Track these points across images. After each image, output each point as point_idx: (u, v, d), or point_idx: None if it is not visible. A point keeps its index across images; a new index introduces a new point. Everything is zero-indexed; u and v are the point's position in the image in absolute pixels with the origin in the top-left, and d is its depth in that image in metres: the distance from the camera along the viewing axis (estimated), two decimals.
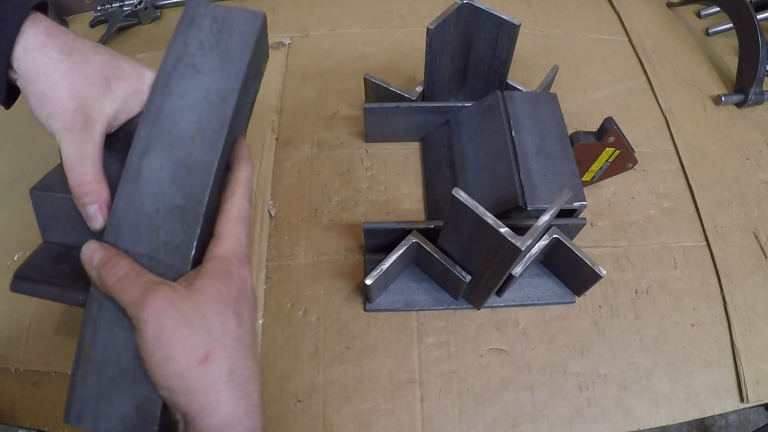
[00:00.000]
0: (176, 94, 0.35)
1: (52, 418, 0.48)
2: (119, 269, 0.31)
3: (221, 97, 0.35)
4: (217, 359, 0.29)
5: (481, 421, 0.48)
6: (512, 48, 0.54)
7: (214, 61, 0.36)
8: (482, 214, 0.38)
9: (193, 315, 0.30)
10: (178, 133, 0.34)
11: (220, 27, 0.37)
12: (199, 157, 0.34)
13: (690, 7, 0.82)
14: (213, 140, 0.34)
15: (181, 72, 0.36)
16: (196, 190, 0.33)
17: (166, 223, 0.33)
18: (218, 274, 0.32)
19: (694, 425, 1.18)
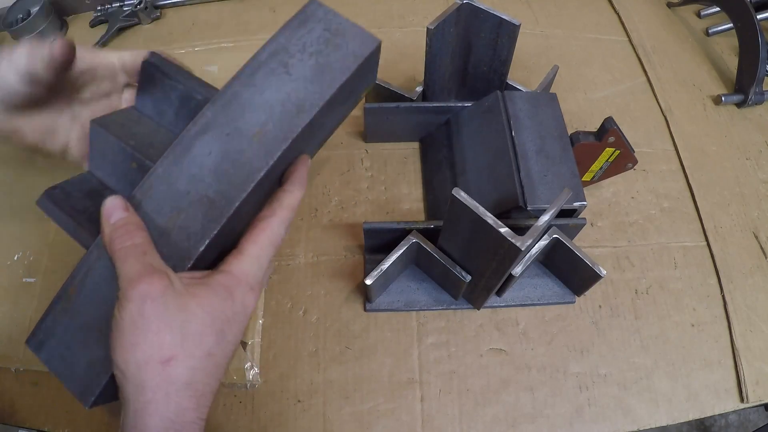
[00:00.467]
0: (256, 87, 0.33)
1: (52, 418, 0.48)
2: (130, 238, 0.30)
3: (299, 108, 0.33)
4: (179, 366, 0.29)
5: (481, 421, 0.48)
6: (512, 48, 0.54)
7: (308, 69, 0.34)
8: (482, 214, 0.38)
9: (177, 316, 0.29)
10: (240, 126, 0.33)
11: (329, 37, 0.35)
12: (250, 159, 0.32)
13: (690, 7, 0.82)
14: (271, 147, 0.32)
15: (272, 67, 0.34)
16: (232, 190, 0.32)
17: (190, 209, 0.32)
18: (221, 289, 0.31)
19: (694, 425, 1.18)
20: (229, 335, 0.31)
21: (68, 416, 0.48)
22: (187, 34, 0.74)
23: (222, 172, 0.32)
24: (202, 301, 0.30)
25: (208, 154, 0.32)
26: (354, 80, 0.35)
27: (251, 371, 0.49)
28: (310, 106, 0.33)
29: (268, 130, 0.33)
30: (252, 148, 0.32)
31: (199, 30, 0.75)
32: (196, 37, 0.73)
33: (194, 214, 0.31)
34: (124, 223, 0.31)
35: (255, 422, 0.48)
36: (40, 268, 0.54)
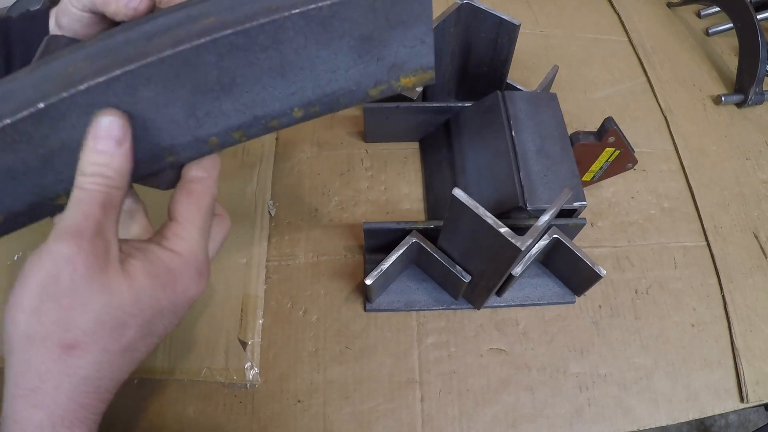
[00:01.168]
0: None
1: None
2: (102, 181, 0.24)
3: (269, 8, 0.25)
4: (83, 357, 0.23)
5: (481, 421, 0.48)
6: (512, 48, 0.54)
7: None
8: (482, 214, 0.38)
9: (98, 296, 0.23)
10: None
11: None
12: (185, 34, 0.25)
13: (690, 7, 0.82)
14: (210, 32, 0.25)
15: None
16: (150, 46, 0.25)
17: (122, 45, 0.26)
18: (163, 272, 0.25)
19: (694, 425, 1.18)
20: (158, 328, 0.26)
21: None
22: None
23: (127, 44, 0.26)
24: (135, 283, 0.24)
25: (154, 19, 0.27)
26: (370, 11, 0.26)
27: (251, 371, 0.49)
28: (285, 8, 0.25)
29: (223, 20, 0.25)
30: (185, 31, 0.25)
31: None
32: None
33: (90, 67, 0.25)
34: (105, 158, 0.24)
35: (255, 422, 0.48)
36: None
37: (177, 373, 0.49)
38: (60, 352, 0.23)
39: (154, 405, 0.47)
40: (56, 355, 0.23)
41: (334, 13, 0.25)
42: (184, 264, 0.26)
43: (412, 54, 0.28)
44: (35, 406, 0.23)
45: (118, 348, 0.24)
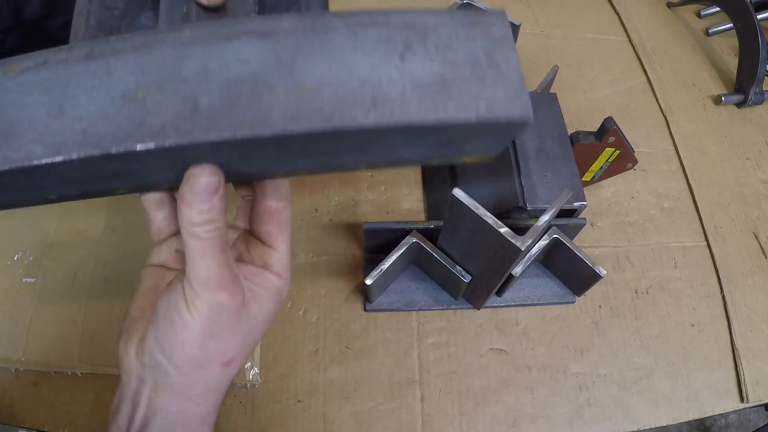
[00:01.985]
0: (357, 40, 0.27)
1: (52, 418, 0.48)
2: (215, 231, 0.27)
3: (374, 101, 0.26)
4: (234, 366, 0.31)
5: (481, 421, 0.48)
6: None
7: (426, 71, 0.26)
8: (482, 214, 0.38)
9: (244, 324, 0.30)
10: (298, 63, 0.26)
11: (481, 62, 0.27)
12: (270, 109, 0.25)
13: (690, 7, 0.82)
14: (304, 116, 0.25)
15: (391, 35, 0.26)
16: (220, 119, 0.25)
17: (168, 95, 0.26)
18: (276, 293, 0.32)
19: (694, 425, 1.18)
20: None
21: (68, 416, 0.48)
22: None
23: (231, 92, 0.25)
24: (263, 307, 0.31)
25: (241, 60, 0.25)
26: (462, 132, 0.28)
27: (251, 371, 0.49)
28: (387, 114, 0.25)
29: (319, 96, 0.25)
30: (283, 99, 0.25)
31: None
32: None
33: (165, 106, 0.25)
34: (211, 211, 0.27)
35: (255, 422, 0.48)
36: (40, 268, 0.54)
37: None
38: (221, 368, 0.30)
39: None
40: (219, 371, 0.30)
41: (427, 132, 0.27)
42: (285, 282, 0.33)
43: (484, 148, 0.32)
44: (199, 404, 0.30)
45: (251, 349, 0.32)
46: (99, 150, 0.24)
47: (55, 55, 0.25)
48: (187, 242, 0.27)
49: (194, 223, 0.27)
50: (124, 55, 0.25)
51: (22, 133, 0.25)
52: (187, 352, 0.28)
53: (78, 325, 0.51)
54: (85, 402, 0.48)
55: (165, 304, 0.29)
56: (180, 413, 0.29)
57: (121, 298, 0.51)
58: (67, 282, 0.53)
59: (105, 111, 0.24)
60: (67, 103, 0.25)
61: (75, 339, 0.50)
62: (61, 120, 0.24)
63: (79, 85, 0.25)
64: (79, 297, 0.52)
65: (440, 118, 0.26)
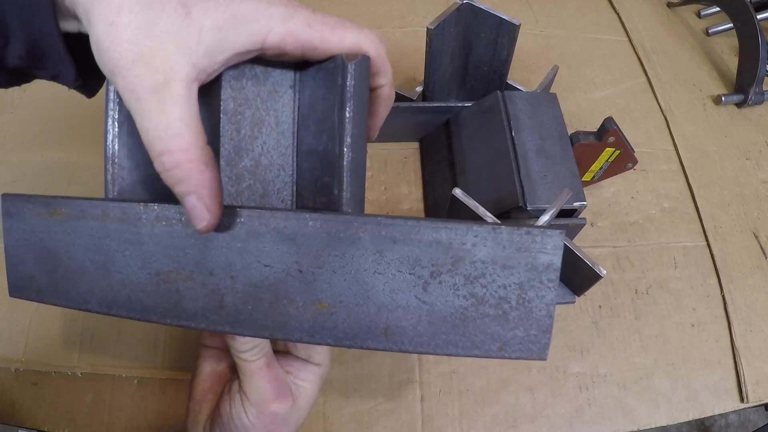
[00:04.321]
0: (381, 273, 0.26)
1: (52, 418, 0.48)
2: (261, 355, 0.32)
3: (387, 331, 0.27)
4: None
5: (481, 421, 0.48)
6: (512, 48, 0.54)
7: (447, 310, 0.26)
8: (482, 214, 0.38)
9: (293, 416, 0.35)
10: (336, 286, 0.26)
11: (517, 300, 0.26)
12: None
13: (690, 7, 0.82)
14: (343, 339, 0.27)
15: (409, 271, 0.25)
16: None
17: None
18: (319, 382, 0.37)
19: (694, 425, 1.18)
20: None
21: (68, 416, 0.48)
22: None
23: (254, 297, 0.27)
24: (308, 397, 0.36)
25: (264, 264, 0.26)
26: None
27: None
28: (396, 343, 0.26)
29: (335, 315, 0.26)
30: (301, 312, 0.26)
31: None
32: None
33: (195, 295, 0.27)
34: (252, 342, 0.32)
35: None
36: None
37: (177, 374, 0.49)
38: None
39: (154, 405, 0.48)
40: None
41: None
42: (326, 369, 0.37)
43: None
44: None
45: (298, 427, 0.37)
46: (142, 316, 0.28)
47: (90, 208, 0.28)
48: (239, 364, 0.32)
49: (241, 351, 0.32)
50: (154, 229, 0.27)
51: (77, 282, 0.29)
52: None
53: (78, 325, 0.51)
54: (85, 402, 0.48)
55: (227, 411, 0.34)
56: None
57: None
58: None
59: (144, 284, 0.27)
60: (111, 266, 0.28)
61: (75, 339, 0.50)
62: (108, 280, 0.28)
63: (118, 251, 0.28)
64: None
65: (447, 353, 0.26)
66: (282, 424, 0.34)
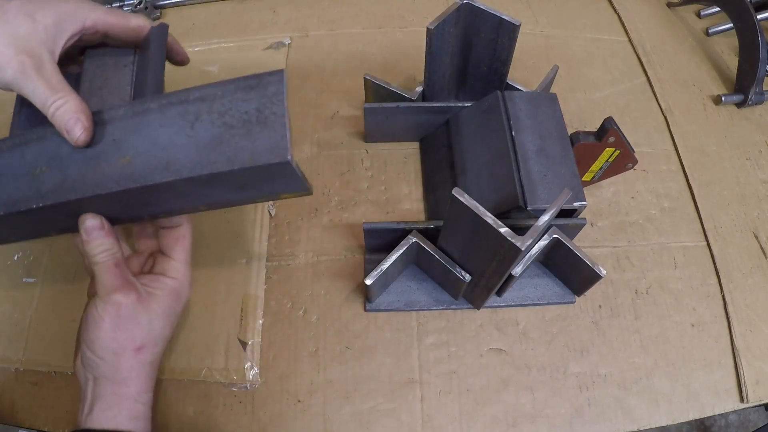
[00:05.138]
0: (163, 117, 0.36)
1: (52, 418, 0.48)
2: (109, 256, 0.39)
3: (167, 165, 0.35)
4: (147, 351, 0.40)
5: (481, 421, 0.48)
6: (512, 48, 0.54)
7: (208, 134, 0.35)
8: (482, 214, 0.38)
9: (143, 317, 0.39)
10: (120, 142, 0.36)
11: (252, 119, 0.35)
12: (101, 175, 0.36)
13: (690, 7, 0.82)
14: (124, 180, 0.35)
15: (186, 110, 0.36)
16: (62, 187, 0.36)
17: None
18: (173, 293, 0.42)
19: (694, 425, 1.18)
20: (176, 322, 0.43)
21: (68, 416, 0.48)
22: (187, 35, 0.74)
23: (86, 166, 0.36)
24: (161, 303, 0.41)
25: (93, 145, 0.36)
26: (242, 177, 0.35)
27: (251, 371, 0.49)
28: (175, 172, 0.34)
29: (134, 164, 0.35)
30: (113, 168, 0.35)
31: (198, 30, 0.75)
32: (195, 37, 0.73)
33: (49, 178, 0.36)
34: (102, 243, 0.38)
35: (255, 422, 0.48)
36: (40, 268, 0.54)
37: (177, 373, 0.49)
38: (134, 354, 0.39)
39: (155, 405, 0.47)
40: (133, 355, 0.39)
41: (211, 180, 0.35)
42: (182, 285, 0.43)
43: (285, 187, 0.38)
44: (128, 386, 0.39)
45: (161, 338, 0.41)
46: (14, 209, 0.36)
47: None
48: (93, 269, 0.39)
49: (92, 254, 0.38)
50: (32, 147, 0.37)
51: None
52: (104, 344, 0.38)
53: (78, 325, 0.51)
54: None
55: (86, 315, 0.39)
56: (114, 394, 0.38)
57: None
58: (67, 282, 0.53)
59: (18, 183, 0.36)
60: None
61: (75, 339, 0.50)
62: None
63: (5, 172, 0.37)
64: (79, 297, 0.52)
65: (213, 170, 0.33)
66: (130, 320, 0.38)
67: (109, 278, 0.38)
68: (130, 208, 0.39)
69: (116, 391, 0.38)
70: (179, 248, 0.43)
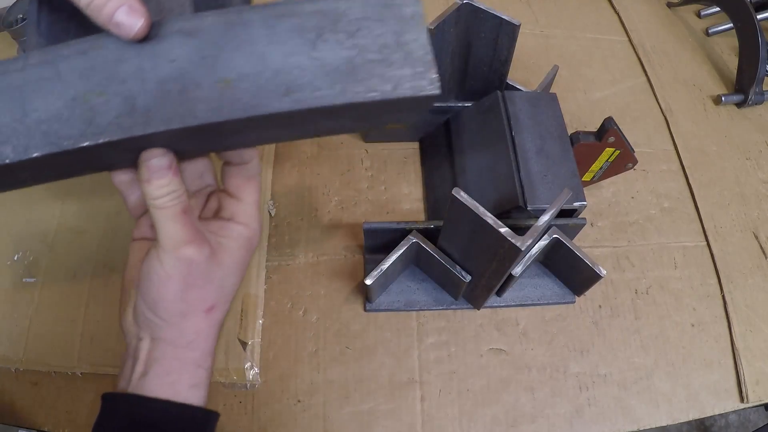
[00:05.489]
0: (272, 32, 0.29)
1: (52, 418, 0.48)
2: (178, 201, 0.31)
3: (287, 90, 0.29)
4: (218, 310, 0.35)
5: (481, 421, 0.48)
6: (512, 48, 0.54)
7: (337, 57, 0.29)
8: (482, 214, 0.38)
9: (216, 273, 0.34)
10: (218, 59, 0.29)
11: (391, 46, 0.29)
12: (195, 102, 0.29)
13: (690, 7, 0.82)
14: (226, 108, 0.29)
15: (303, 24, 0.29)
16: (154, 116, 0.28)
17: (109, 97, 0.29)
18: (245, 241, 0.36)
19: (694, 425, 1.18)
20: (245, 270, 0.37)
21: (68, 416, 0.48)
22: None
23: (163, 90, 0.28)
24: (233, 256, 0.35)
25: (170, 60, 0.28)
26: (376, 108, 0.30)
27: (251, 371, 0.49)
28: (299, 100, 0.28)
29: (239, 88, 0.28)
30: (207, 92, 0.28)
31: None
32: None
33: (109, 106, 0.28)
34: (169, 183, 0.31)
35: (255, 422, 0.48)
36: (40, 268, 0.54)
37: None
38: (205, 315, 0.34)
39: None
40: (204, 317, 0.34)
41: (339, 110, 0.29)
42: (254, 231, 0.36)
43: (407, 117, 0.34)
44: (193, 350, 0.34)
45: (232, 295, 0.36)
46: (58, 147, 0.28)
47: (12, 65, 0.29)
48: (153, 213, 0.31)
49: (154, 197, 0.31)
50: (71, 62, 0.29)
51: None
52: (171, 306, 0.32)
53: (78, 325, 0.51)
54: (85, 402, 0.48)
55: (145, 269, 0.32)
56: (175, 359, 0.33)
57: None
58: (67, 282, 0.53)
59: (60, 113, 0.28)
60: (29, 107, 0.28)
61: (75, 339, 0.50)
62: (24, 123, 0.28)
63: (36, 90, 0.28)
64: (79, 297, 0.52)
65: (348, 100, 0.28)
66: (203, 277, 0.33)
67: (177, 228, 0.31)
68: (211, 141, 0.33)
69: (178, 355, 0.33)
70: (251, 188, 0.36)
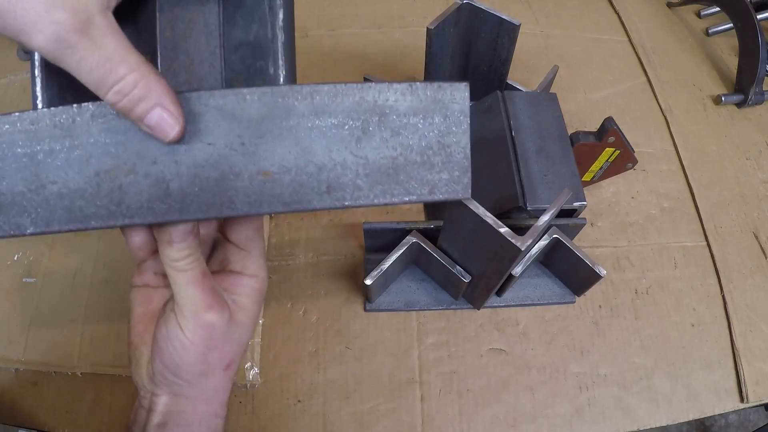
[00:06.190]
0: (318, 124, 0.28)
1: (52, 418, 0.48)
2: (197, 265, 0.31)
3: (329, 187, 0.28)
4: (234, 365, 0.35)
5: (481, 421, 0.48)
6: (512, 48, 0.54)
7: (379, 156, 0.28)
8: (482, 214, 0.38)
9: (235, 332, 0.34)
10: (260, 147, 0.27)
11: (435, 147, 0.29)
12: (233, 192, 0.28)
13: (690, 7, 0.82)
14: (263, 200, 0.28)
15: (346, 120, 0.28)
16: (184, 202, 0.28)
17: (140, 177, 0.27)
18: (257, 295, 0.35)
19: (694, 425, 1.18)
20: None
21: (68, 416, 0.48)
22: None
23: (200, 177, 0.27)
24: (249, 312, 0.35)
25: (207, 143, 0.26)
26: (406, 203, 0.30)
27: (251, 371, 0.49)
28: (339, 199, 0.28)
29: (280, 181, 0.27)
30: (247, 183, 0.27)
31: None
32: None
33: (139, 188, 0.26)
34: (189, 246, 0.30)
35: (255, 422, 0.48)
36: (40, 268, 0.54)
37: None
38: (223, 371, 0.34)
39: None
40: (222, 373, 0.34)
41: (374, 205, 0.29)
42: (263, 281, 0.36)
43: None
44: (211, 404, 0.35)
45: (245, 347, 0.37)
46: (83, 225, 0.27)
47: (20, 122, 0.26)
48: (172, 275, 0.31)
49: (175, 259, 0.30)
50: (90, 129, 0.26)
51: (8, 206, 0.26)
52: (192, 368, 0.32)
53: (78, 325, 0.51)
54: (85, 402, 0.48)
55: (163, 333, 0.32)
56: (195, 411, 0.34)
57: (121, 298, 0.51)
58: (67, 282, 0.53)
59: (83, 189, 0.26)
60: (44, 177, 0.26)
61: (75, 339, 0.50)
62: (42, 195, 0.26)
63: (51, 158, 0.26)
64: (79, 297, 0.52)
65: (386, 202, 0.29)
66: (222, 339, 0.33)
67: (198, 293, 0.31)
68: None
69: (198, 409, 0.34)
70: (258, 239, 0.35)
